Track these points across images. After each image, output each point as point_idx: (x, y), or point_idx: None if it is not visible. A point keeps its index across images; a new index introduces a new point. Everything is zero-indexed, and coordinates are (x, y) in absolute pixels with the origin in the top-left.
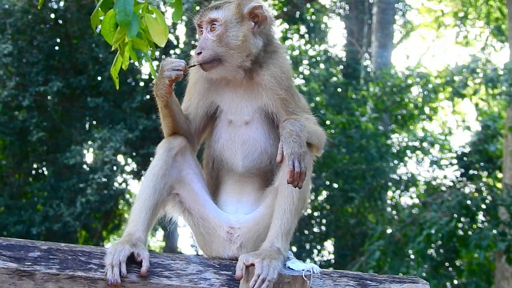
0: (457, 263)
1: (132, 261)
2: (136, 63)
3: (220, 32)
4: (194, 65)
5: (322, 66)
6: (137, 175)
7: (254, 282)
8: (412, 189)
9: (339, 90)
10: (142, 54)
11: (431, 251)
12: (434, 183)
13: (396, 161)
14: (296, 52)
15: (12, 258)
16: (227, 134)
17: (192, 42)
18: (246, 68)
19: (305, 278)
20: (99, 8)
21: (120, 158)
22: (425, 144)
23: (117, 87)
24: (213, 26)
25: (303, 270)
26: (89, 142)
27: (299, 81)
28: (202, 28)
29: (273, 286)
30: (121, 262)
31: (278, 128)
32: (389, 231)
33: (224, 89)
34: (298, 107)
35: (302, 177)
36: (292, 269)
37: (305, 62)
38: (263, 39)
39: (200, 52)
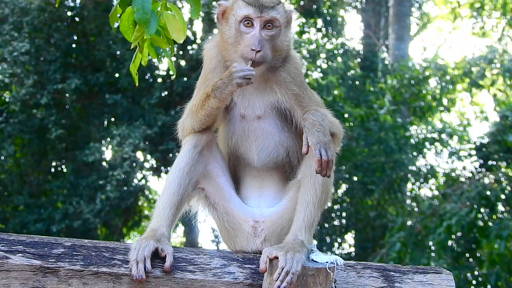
0: (478, 253)
1: (156, 256)
2: (154, 60)
3: (275, 33)
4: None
5: (339, 59)
6: (156, 171)
7: (278, 275)
8: (432, 180)
9: (357, 83)
10: (161, 51)
11: (451, 242)
12: (453, 174)
13: (415, 153)
14: (313, 46)
15: (36, 255)
16: (240, 129)
17: (209, 37)
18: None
19: (329, 270)
20: (118, 6)
21: (139, 154)
22: (443, 136)
23: (137, 84)
24: (269, 25)
25: (326, 262)
26: (108, 139)
27: (316, 74)
28: (252, 22)
29: (297, 279)
30: (146, 257)
31: (292, 123)
32: (409, 223)
33: None
34: (312, 101)
35: (330, 165)
36: (315, 261)
37: (323, 55)
38: None
39: (260, 51)
